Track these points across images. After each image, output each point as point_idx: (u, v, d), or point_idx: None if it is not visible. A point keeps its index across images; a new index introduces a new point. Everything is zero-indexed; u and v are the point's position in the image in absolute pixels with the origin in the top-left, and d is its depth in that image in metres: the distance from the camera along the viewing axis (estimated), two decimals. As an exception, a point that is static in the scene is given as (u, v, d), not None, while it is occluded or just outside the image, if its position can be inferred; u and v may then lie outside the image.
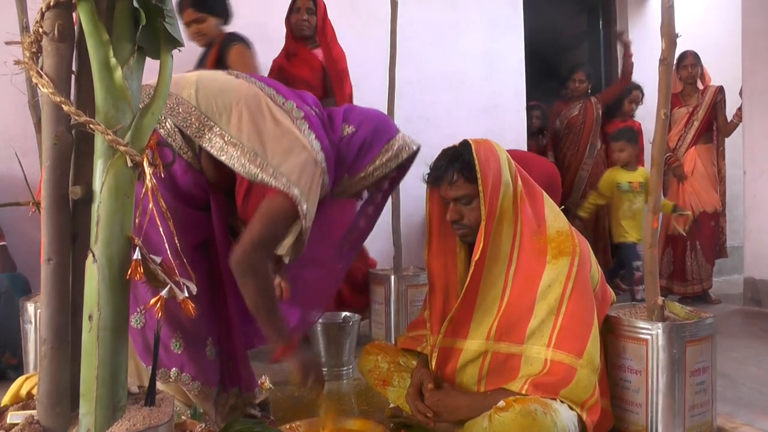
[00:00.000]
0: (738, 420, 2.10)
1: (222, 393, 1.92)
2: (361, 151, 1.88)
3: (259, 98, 1.76)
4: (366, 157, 1.89)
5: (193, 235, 1.83)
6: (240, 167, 1.68)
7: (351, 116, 1.93)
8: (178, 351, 1.78)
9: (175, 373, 1.77)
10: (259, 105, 1.75)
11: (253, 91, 1.78)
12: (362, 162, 1.89)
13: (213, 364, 1.87)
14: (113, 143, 0.96)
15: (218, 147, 1.70)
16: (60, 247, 0.99)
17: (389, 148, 1.90)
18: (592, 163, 4.73)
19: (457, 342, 1.88)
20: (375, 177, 1.91)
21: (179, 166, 1.75)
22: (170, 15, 1.06)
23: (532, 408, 1.57)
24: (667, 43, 1.92)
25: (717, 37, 5.34)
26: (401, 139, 1.93)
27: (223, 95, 1.75)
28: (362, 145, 1.88)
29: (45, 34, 0.98)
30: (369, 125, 1.91)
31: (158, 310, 1.01)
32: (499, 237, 1.85)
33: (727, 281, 5.07)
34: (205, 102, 1.73)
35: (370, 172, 1.90)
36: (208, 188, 1.82)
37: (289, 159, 1.70)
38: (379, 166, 1.89)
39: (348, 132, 1.89)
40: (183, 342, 1.79)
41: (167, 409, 1.05)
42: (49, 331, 0.99)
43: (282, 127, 1.73)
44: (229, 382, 1.95)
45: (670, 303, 2.03)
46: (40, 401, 1.00)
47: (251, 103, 1.74)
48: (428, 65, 4.30)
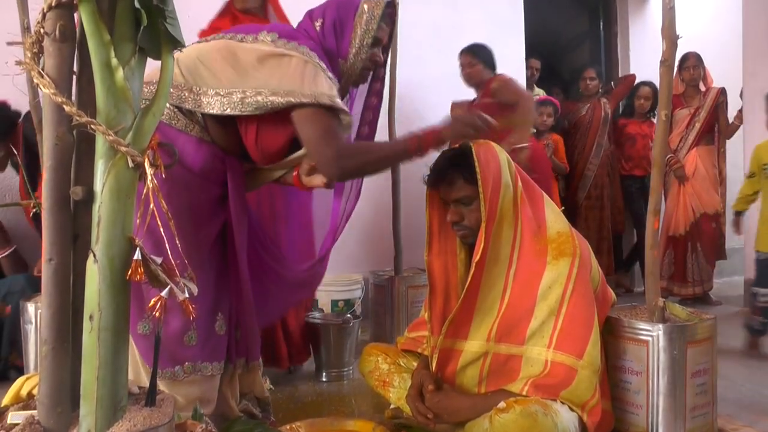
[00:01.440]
0: (739, 422, 2.10)
1: (228, 364, 1.94)
2: (338, 34, 1.92)
3: (232, 45, 1.83)
4: (345, 35, 1.92)
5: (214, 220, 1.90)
6: (248, 107, 1.73)
7: (314, 12, 1.99)
8: (193, 343, 1.81)
9: (189, 367, 1.79)
10: (234, 50, 1.81)
11: (224, 44, 1.84)
12: (345, 41, 1.92)
13: (222, 338, 1.90)
14: (114, 144, 0.97)
15: (219, 104, 1.75)
16: (61, 248, 0.99)
17: (361, 12, 1.92)
18: (598, 163, 4.72)
19: (457, 343, 1.88)
20: (366, 45, 1.92)
21: (191, 146, 1.80)
22: (171, 16, 1.06)
23: (533, 409, 1.57)
24: (668, 45, 1.92)
25: (718, 38, 5.34)
26: (367, 1, 1.93)
27: (201, 60, 1.80)
28: (335, 27, 1.92)
29: (46, 34, 0.98)
30: (331, 8, 1.95)
31: (158, 311, 1.01)
32: (499, 238, 1.85)
33: (727, 283, 5.06)
34: (189, 74, 1.79)
35: (359, 44, 1.92)
36: (223, 157, 1.87)
37: (286, 74, 1.74)
38: (364, 33, 1.91)
39: (318, 26, 1.94)
40: (197, 331, 1.81)
41: (168, 410, 1.05)
42: (50, 331, 0.99)
43: (263, 54, 1.78)
44: (235, 353, 1.97)
45: (670, 304, 2.03)
46: (41, 401, 1.00)
47: (227, 52, 1.81)
48: (428, 65, 4.30)
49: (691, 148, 4.52)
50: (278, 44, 1.81)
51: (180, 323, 1.76)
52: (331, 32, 1.92)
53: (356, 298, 3.27)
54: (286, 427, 1.84)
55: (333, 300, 3.22)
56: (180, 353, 1.78)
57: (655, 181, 1.95)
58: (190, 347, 1.80)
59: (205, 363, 1.83)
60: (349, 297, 3.23)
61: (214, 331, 1.87)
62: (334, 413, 2.28)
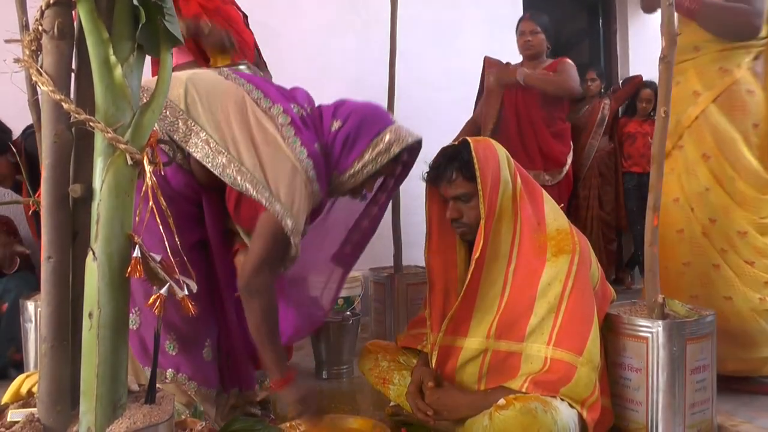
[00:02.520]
0: (738, 418, 2.10)
1: (222, 393, 1.92)
2: (346, 146, 1.81)
3: (245, 103, 1.75)
4: (352, 152, 1.81)
5: (189, 234, 1.83)
6: (226, 177, 1.69)
7: (340, 110, 1.85)
8: (172, 353, 1.79)
9: (171, 374, 1.78)
10: (245, 111, 1.74)
11: (240, 95, 1.76)
12: (348, 158, 1.81)
13: (210, 366, 1.87)
14: (113, 141, 0.96)
15: (204, 153, 1.70)
16: (60, 246, 0.99)
17: (378, 141, 1.80)
18: (588, 164, 4.71)
19: (457, 340, 1.88)
20: (366, 174, 1.82)
21: (170, 169, 1.75)
22: (170, 13, 1.05)
23: (533, 406, 1.57)
24: (667, 42, 1.92)
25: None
26: (393, 132, 1.81)
27: (210, 98, 1.74)
28: (346, 140, 1.80)
29: (45, 32, 0.98)
30: (355, 118, 1.82)
31: (157, 308, 1.01)
32: (498, 235, 1.85)
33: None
34: (193, 106, 1.73)
35: (359, 168, 1.81)
36: (199, 189, 1.82)
37: (273, 171, 1.69)
38: (369, 161, 1.80)
39: (335, 127, 1.82)
40: (178, 344, 1.79)
41: (167, 407, 1.05)
42: (49, 329, 0.99)
43: (267, 135, 1.71)
44: (229, 383, 1.95)
45: (670, 301, 2.03)
46: (41, 399, 1.00)
47: (237, 108, 1.74)
48: (428, 64, 4.30)
49: (690, 144, 4.51)
50: (285, 132, 1.73)
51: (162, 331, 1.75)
52: (341, 142, 1.81)
53: (356, 296, 3.27)
54: (286, 425, 1.84)
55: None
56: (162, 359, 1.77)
57: (654, 177, 1.95)
58: (170, 355, 1.78)
59: (192, 383, 1.80)
60: (348, 295, 3.22)
61: (201, 355, 1.84)
62: (334, 411, 2.27)
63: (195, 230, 1.86)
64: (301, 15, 4.00)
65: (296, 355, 2.98)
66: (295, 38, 3.91)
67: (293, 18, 3.95)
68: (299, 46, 3.92)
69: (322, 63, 3.95)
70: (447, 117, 4.13)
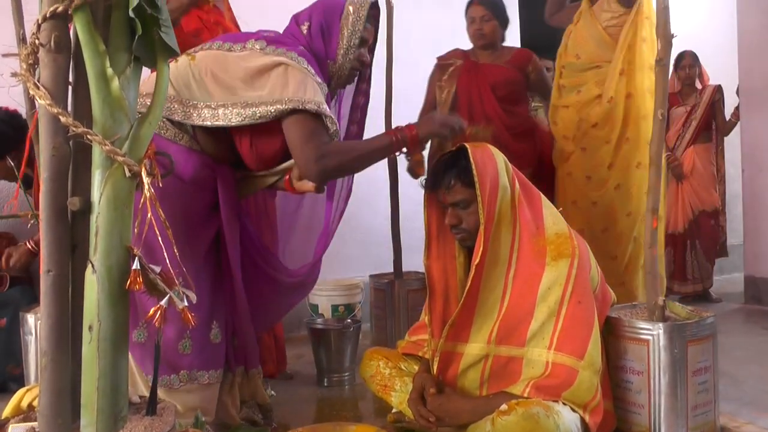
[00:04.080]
0: (741, 419, 2.09)
1: (227, 373, 1.94)
2: (324, 35, 1.95)
3: (221, 55, 1.86)
4: (332, 37, 1.96)
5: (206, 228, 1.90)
6: (237, 118, 1.76)
7: (300, 16, 2.01)
8: (188, 352, 1.82)
9: (185, 375, 1.81)
10: (224, 61, 1.83)
11: (213, 55, 1.87)
12: (332, 43, 1.96)
13: (218, 347, 1.90)
14: (111, 154, 0.97)
15: (209, 116, 1.78)
16: (59, 259, 0.99)
17: (347, 14, 1.95)
18: None
19: (458, 346, 1.88)
20: (354, 46, 1.96)
21: (181, 156, 1.81)
22: (166, 24, 1.06)
23: (535, 411, 1.57)
24: (663, 44, 1.93)
25: (713, 36, 5.35)
26: (352, 4, 1.96)
27: (192, 73, 1.82)
28: (322, 30, 1.95)
29: (42, 45, 0.99)
30: (317, 11, 1.98)
31: (158, 320, 1.01)
32: (498, 240, 1.85)
33: (727, 280, 5.06)
34: (179, 86, 1.81)
35: (347, 45, 1.95)
36: (213, 165, 1.89)
37: (275, 83, 1.77)
38: (351, 34, 1.95)
39: (305, 29, 1.96)
40: (192, 339, 1.83)
41: (169, 419, 1.05)
42: (49, 342, 0.99)
43: (253, 63, 1.81)
44: (234, 361, 1.97)
45: (670, 303, 2.03)
46: (42, 413, 1.00)
47: (216, 64, 1.83)
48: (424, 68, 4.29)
49: (688, 146, 4.52)
50: (267, 51, 1.83)
51: (174, 331, 1.78)
52: (318, 35, 1.95)
53: (357, 303, 3.27)
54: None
55: (333, 305, 3.21)
56: (175, 361, 1.80)
57: (652, 180, 1.95)
58: (185, 355, 1.82)
59: (202, 371, 1.84)
60: (349, 302, 3.22)
61: (209, 339, 1.87)
62: (335, 418, 2.27)
63: (212, 221, 1.92)
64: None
65: (297, 362, 2.98)
66: (291, 45, 3.91)
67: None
68: (296, 53, 3.92)
69: (319, 69, 3.95)
70: (445, 122, 4.14)
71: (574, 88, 2.83)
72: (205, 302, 1.84)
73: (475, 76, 3.10)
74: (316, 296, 3.08)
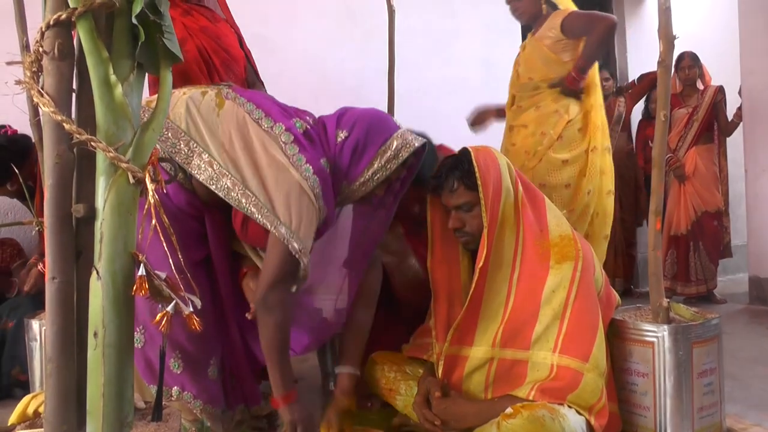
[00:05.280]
0: (747, 421, 2.08)
1: (228, 411, 1.91)
2: (355, 156, 1.80)
3: (247, 124, 1.74)
4: (361, 161, 1.80)
5: (193, 251, 1.83)
6: (231, 200, 1.69)
7: (344, 120, 1.85)
8: (177, 371, 1.78)
9: (177, 391, 1.77)
10: (247, 133, 1.73)
11: (241, 116, 1.76)
12: (358, 167, 1.81)
13: (216, 384, 1.87)
14: (115, 160, 0.97)
15: (207, 175, 1.70)
16: (64, 266, 0.99)
17: (387, 148, 1.80)
18: None
19: (462, 349, 1.87)
20: (376, 181, 1.81)
21: (171, 187, 1.75)
22: (169, 31, 1.06)
23: (540, 414, 1.57)
24: (664, 45, 1.92)
25: (715, 36, 5.35)
26: (400, 138, 1.81)
27: (211, 118, 1.74)
28: (355, 149, 1.80)
29: (45, 53, 0.99)
30: (361, 126, 1.81)
31: (164, 326, 1.01)
32: (501, 243, 1.85)
33: (731, 280, 5.05)
34: (194, 126, 1.73)
35: (370, 176, 1.81)
36: (202, 207, 1.82)
37: (278, 193, 1.69)
38: (379, 168, 1.80)
39: (341, 137, 1.81)
40: (182, 362, 1.78)
41: (174, 425, 1.05)
42: (55, 349, 0.98)
43: (270, 157, 1.71)
44: (234, 400, 1.94)
45: (675, 305, 2.02)
46: (47, 419, 1.00)
47: (239, 130, 1.73)
48: (427, 72, 4.31)
49: (690, 147, 4.52)
50: (288, 151, 1.72)
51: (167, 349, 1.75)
52: (349, 152, 1.80)
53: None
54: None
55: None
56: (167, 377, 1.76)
57: (655, 181, 1.95)
58: (175, 373, 1.78)
59: (197, 401, 1.79)
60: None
61: (206, 374, 1.84)
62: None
63: (199, 247, 1.86)
64: (299, 26, 4.02)
65: (303, 367, 2.97)
66: (293, 50, 3.92)
67: (292, 30, 3.97)
68: (298, 57, 3.93)
69: (322, 74, 3.97)
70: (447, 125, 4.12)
71: (533, 106, 2.97)
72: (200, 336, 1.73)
73: None
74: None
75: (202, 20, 2.49)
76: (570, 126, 2.87)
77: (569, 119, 2.87)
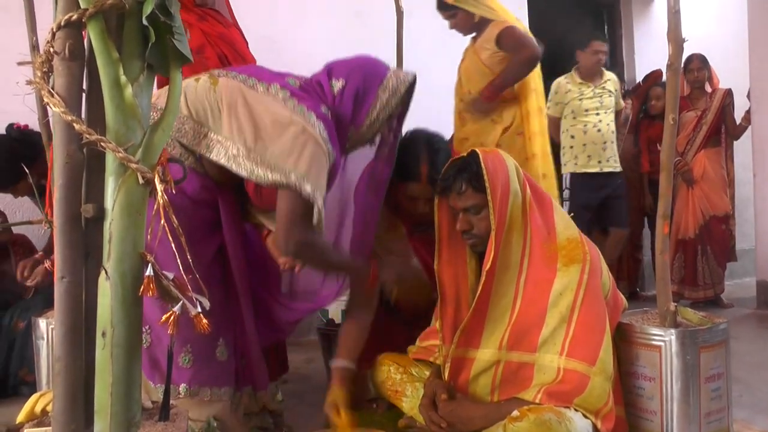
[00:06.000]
0: (755, 426, 2.08)
1: (235, 392, 1.92)
2: (357, 102, 1.89)
3: (243, 92, 1.79)
4: (364, 105, 1.89)
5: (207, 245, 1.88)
6: (242, 170, 1.72)
7: (336, 70, 1.93)
8: (187, 365, 1.79)
9: (185, 388, 1.78)
10: (245, 100, 1.78)
11: (236, 87, 1.80)
12: (362, 111, 1.90)
13: (224, 365, 1.88)
14: (124, 161, 0.97)
15: (216, 152, 1.74)
16: (73, 265, 0.99)
17: (385, 88, 1.90)
18: None
19: (469, 352, 1.87)
20: (381, 120, 1.91)
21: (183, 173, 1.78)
22: (179, 32, 1.06)
23: (547, 417, 1.56)
24: (674, 48, 1.92)
25: (724, 39, 5.33)
26: (394, 76, 1.93)
27: (209, 97, 1.78)
28: (356, 96, 1.89)
29: (56, 53, 0.99)
30: (357, 73, 1.91)
31: (171, 326, 1.01)
32: (509, 246, 1.85)
33: (738, 284, 5.03)
34: (194, 108, 1.78)
35: (375, 117, 1.90)
36: (215, 188, 1.86)
37: (285, 147, 1.71)
38: (381, 108, 1.90)
39: (338, 88, 1.89)
40: (192, 354, 1.80)
41: (181, 424, 1.06)
42: (63, 348, 0.99)
43: (271, 114, 1.75)
44: (242, 381, 1.96)
45: (682, 309, 2.02)
46: (55, 418, 1.00)
47: (237, 100, 1.78)
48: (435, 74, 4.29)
49: (699, 150, 4.50)
50: (288, 104, 1.77)
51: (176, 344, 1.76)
52: (350, 99, 1.88)
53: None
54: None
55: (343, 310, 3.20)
56: (175, 374, 1.77)
57: (663, 185, 1.94)
58: (184, 369, 1.79)
59: (204, 388, 1.81)
60: (359, 306, 3.21)
61: (214, 356, 1.85)
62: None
63: (215, 237, 1.90)
64: (306, 28, 4.02)
65: (307, 367, 2.98)
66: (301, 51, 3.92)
67: (299, 31, 3.97)
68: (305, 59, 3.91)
69: (329, 75, 3.96)
70: (454, 127, 4.14)
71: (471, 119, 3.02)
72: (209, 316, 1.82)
73: None
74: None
75: (218, 26, 2.56)
76: (508, 133, 2.90)
77: (505, 126, 2.90)
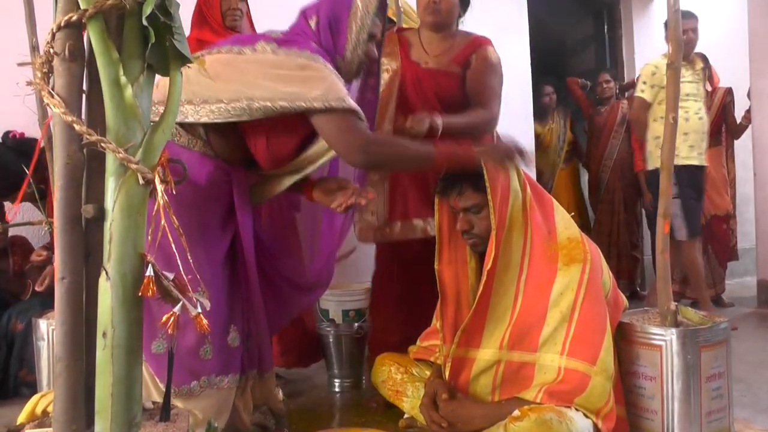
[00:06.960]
0: (756, 425, 2.07)
1: (241, 376, 1.94)
2: (333, 30, 1.92)
3: (232, 61, 1.83)
4: (341, 32, 1.92)
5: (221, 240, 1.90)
6: (255, 112, 1.73)
7: (308, 11, 1.97)
8: (209, 357, 1.82)
9: (205, 381, 1.81)
10: (236, 65, 1.81)
11: (223, 57, 1.84)
12: (341, 38, 1.92)
13: (235, 351, 1.90)
14: (125, 161, 0.97)
15: (223, 112, 1.75)
16: (73, 266, 0.99)
17: (355, 9, 1.91)
18: (611, 165, 4.70)
19: (470, 352, 1.87)
20: (362, 41, 1.92)
21: (195, 162, 1.81)
22: (179, 32, 1.06)
23: (548, 417, 1.56)
24: (673, 48, 1.92)
25: (724, 38, 5.33)
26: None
27: (200, 76, 1.79)
28: (330, 25, 1.92)
29: (56, 54, 0.99)
30: (324, 5, 1.94)
31: (171, 327, 1.01)
32: (509, 245, 1.85)
33: (739, 284, 5.02)
34: (189, 87, 1.78)
35: (355, 40, 1.91)
36: (228, 169, 1.88)
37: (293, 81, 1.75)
38: (359, 29, 1.91)
39: (314, 24, 1.93)
40: (212, 345, 1.83)
41: (182, 425, 1.06)
42: (64, 349, 0.99)
43: (267, 66, 1.79)
44: (248, 365, 1.97)
45: (683, 308, 2.01)
46: (56, 419, 1.00)
47: (228, 67, 1.81)
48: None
49: (700, 149, 4.49)
50: (278, 53, 1.81)
51: (195, 337, 1.77)
52: (326, 30, 1.92)
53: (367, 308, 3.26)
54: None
55: (344, 310, 3.20)
56: (197, 367, 1.80)
57: (663, 184, 1.94)
58: (206, 361, 1.82)
59: (221, 376, 1.84)
60: (360, 306, 3.21)
61: (227, 344, 1.87)
62: (346, 424, 2.27)
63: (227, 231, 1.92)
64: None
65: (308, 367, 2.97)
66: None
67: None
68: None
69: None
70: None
71: None
72: (223, 307, 1.85)
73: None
74: (327, 301, 3.08)
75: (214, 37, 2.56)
76: None
77: None
